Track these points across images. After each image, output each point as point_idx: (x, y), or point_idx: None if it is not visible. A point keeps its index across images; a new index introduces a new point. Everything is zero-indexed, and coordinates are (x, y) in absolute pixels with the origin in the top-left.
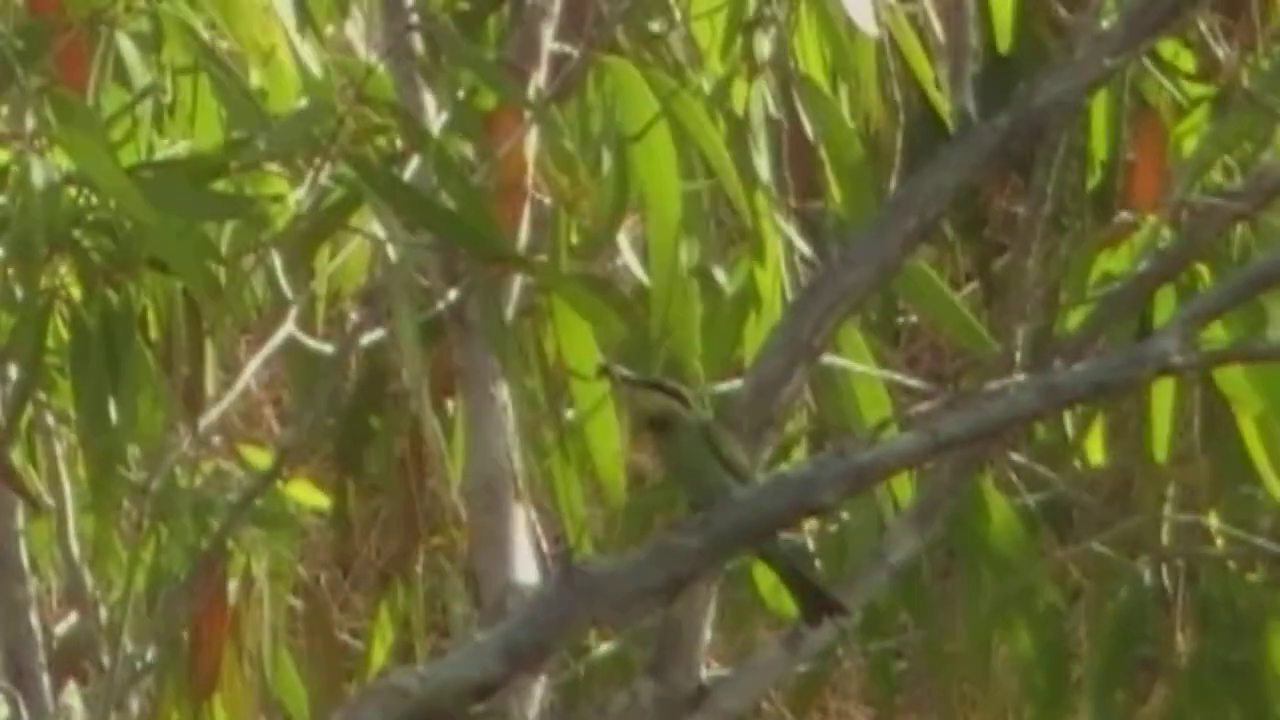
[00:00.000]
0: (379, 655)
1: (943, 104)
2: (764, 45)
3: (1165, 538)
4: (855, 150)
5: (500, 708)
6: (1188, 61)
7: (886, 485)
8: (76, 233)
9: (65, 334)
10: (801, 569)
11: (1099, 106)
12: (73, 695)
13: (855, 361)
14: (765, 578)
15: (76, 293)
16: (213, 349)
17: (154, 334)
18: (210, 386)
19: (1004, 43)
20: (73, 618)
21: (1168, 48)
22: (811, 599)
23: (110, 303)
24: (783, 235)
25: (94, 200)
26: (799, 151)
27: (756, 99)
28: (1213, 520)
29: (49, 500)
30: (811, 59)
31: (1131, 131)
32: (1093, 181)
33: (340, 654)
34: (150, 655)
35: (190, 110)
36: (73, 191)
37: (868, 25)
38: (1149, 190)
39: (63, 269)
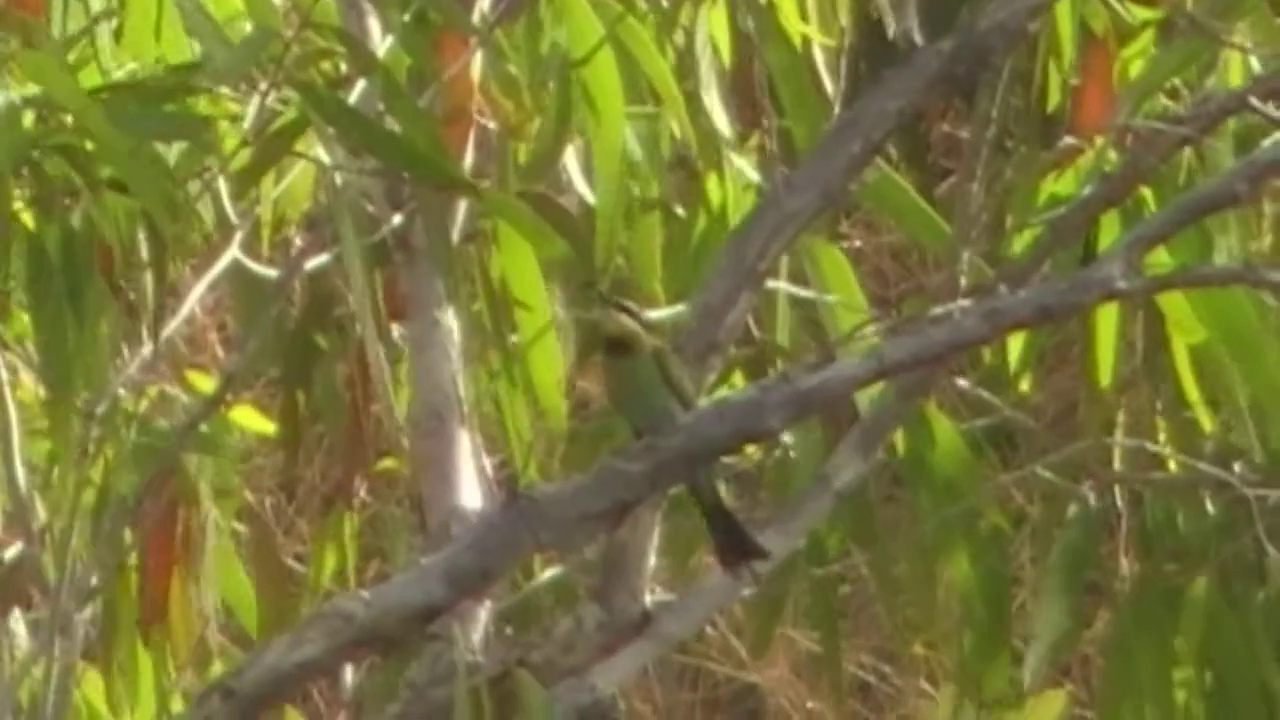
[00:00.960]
0: (323, 580)
1: (888, 27)
2: None
3: (1111, 463)
4: (802, 75)
5: (443, 632)
6: None
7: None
8: (36, 154)
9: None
10: (725, 508)
11: (1064, 26)
12: (17, 622)
13: (833, 276)
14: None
15: (30, 218)
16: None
17: (107, 259)
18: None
19: None
20: (17, 546)
21: None
22: (730, 542)
23: (70, 225)
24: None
25: (53, 123)
26: (747, 77)
27: (707, 22)
28: (1155, 446)
29: None
30: None
31: (1078, 56)
32: (1045, 104)
33: (285, 577)
34: (96, 580)
35: (151, 33)
36: (31, 114)
37: None
38: (1095, 115)
39: (18, 193)
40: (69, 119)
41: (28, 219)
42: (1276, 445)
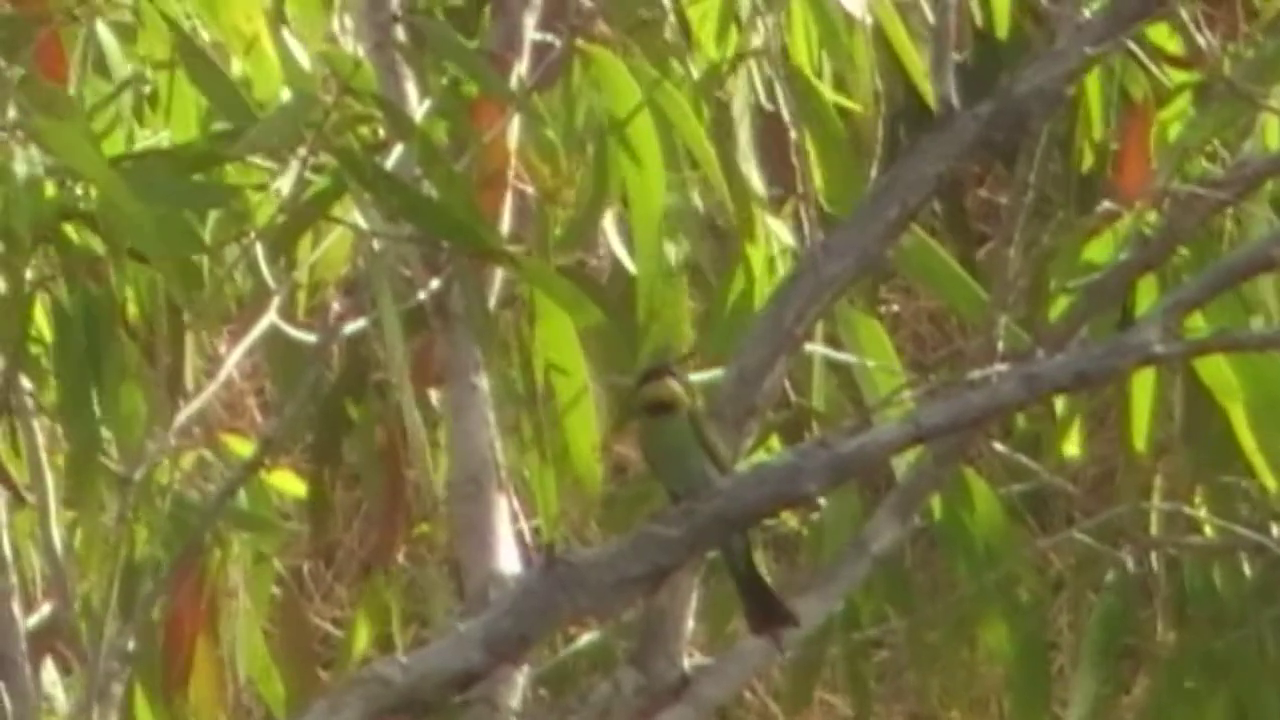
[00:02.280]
0: (361, 645)
1: (927, 93)
2: (756, 33)
3: (1148, 528)
4: (840, 140)
5: (486, 696)
6: (1176, 45)
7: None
8: (60, 224)
9: (49, 325)
10: (755, 574)
11: (1092, 93)
12: (55, 686)
13: (869, 343)
14: None
15: (60, 284)
16: (194, 340)
17: (137, 325)
18: (191, 377)
19: (1000, 29)
20: (45, 608)
21: (1157, 32)
22: (760, 608)
23: (92, 293)
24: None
25: (77, 191)
26: (783, 142)
27: (744, 88)
28: (1194, 510)
29: (30, 492)
30: (800, 47)
31: (1116, 121)
32: (1081, 168)
33: (314, 643)
34: (131, 646)
35: (171, 102)
36: (55, 183)
37: (859, 11)
38: (1135, 179)
39: (47, 261)
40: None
41: (57, 284)
42: None
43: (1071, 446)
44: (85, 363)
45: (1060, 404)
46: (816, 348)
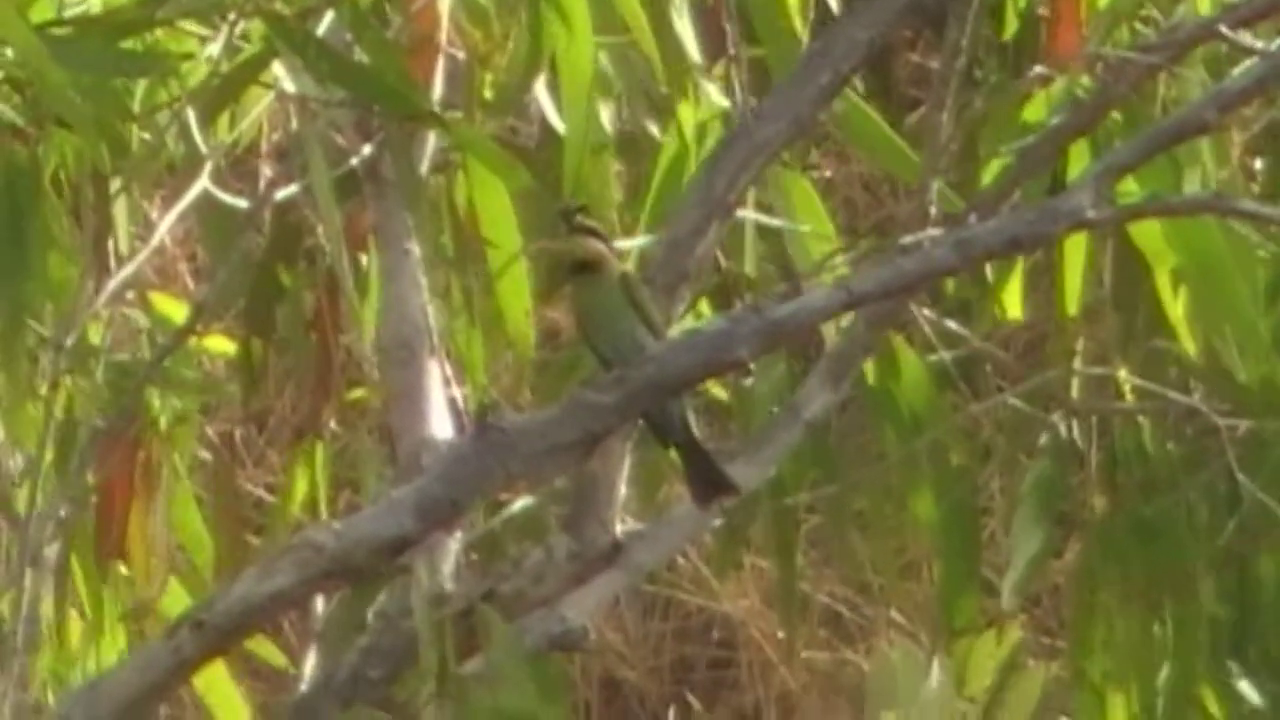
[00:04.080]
0: (293, 511)
1: None
2: None
3: (1077, 393)
4: (774, 4)
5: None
6: None
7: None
8: None
9: None
10: (697, 443)
11: None
12: None
13: (801, 206)
14: None
15: None
16: (126, 205)
17: (65, 191)
18: (124, 243)
19: None
20: None
21: None
22: (703, 476)
23: (17, 158)
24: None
25: (3, 58)
26: (718, 8)
27: None
28: (1121, 375)
29: None
30: None
31: None
32: (1008, 34)
33: (246, 509)
34: (64, 513)
35: None
36: None
37: None
38: (1067, 44)
39: None
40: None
41: None
42: (1248, 374)
43: (1014, 307)
44: (10, 228)
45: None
46: (748, 213)
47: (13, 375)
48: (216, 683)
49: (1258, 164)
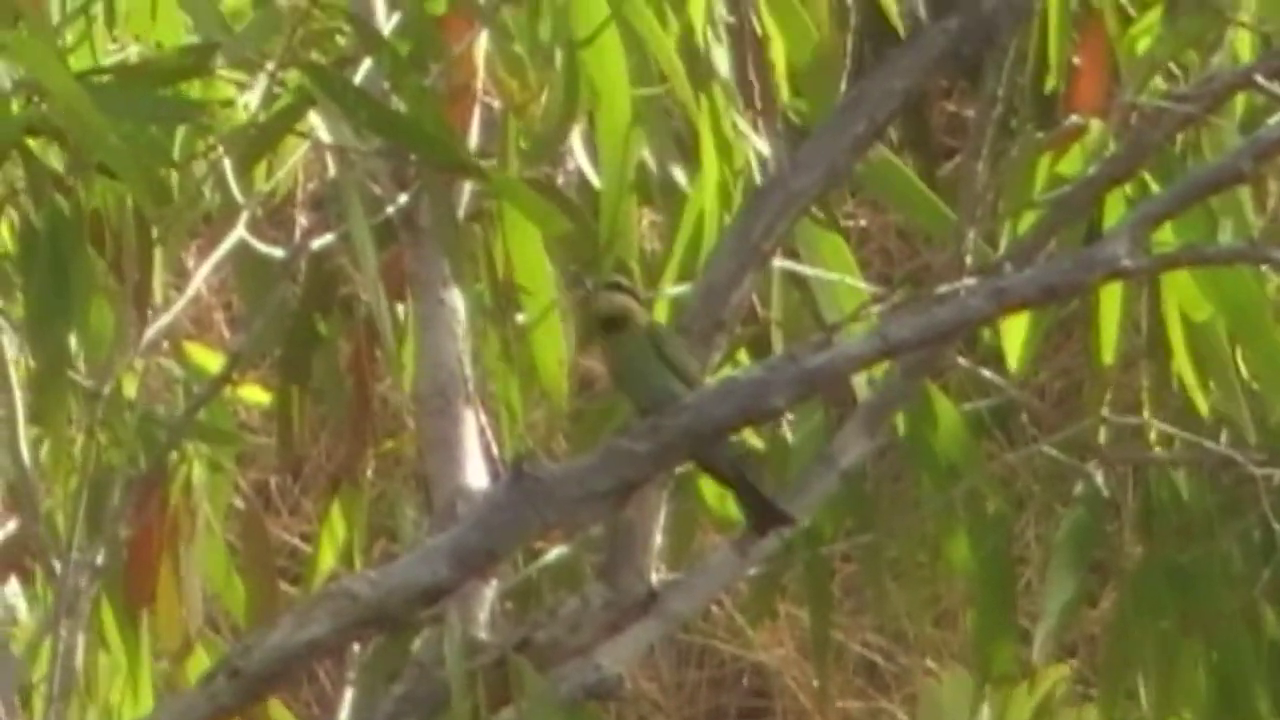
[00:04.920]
0: (328, 560)
1: (892, 7)
2: None
3: (1110, 442)
4: (815, 52)
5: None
6: None
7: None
8: (26, 139)
9: (14, 240)
10: (749, 478)
11: (1053, 7)
12: (17, 597)
13: (832, 261)
14: (710, 484)
15: (27, 200)
16: (162, 254)
17: (105, 240)
18: (159, 292)
19: None
20: (11, 525)
21: None
22: (759, 509)
23: (58, 206)
24: (743, 137)
25: (44, 107)
26: (756, 55)
27: (715, 2)
28: (1155, 424)
29: None
30: None
31: (1077, 35)
32: (1045, 85)
33: (277, 557)
34: (101, 560)
35: (149, 13)
36: (23, 98)
37: None
38: (1092, 94)
39: (16, 176)
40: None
41: (20, 204)
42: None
43: (1015, 359)
44: (51, 276)
45: (1020, 322)
46: (783, 263)
47: (53, 423)
48: None
49: None
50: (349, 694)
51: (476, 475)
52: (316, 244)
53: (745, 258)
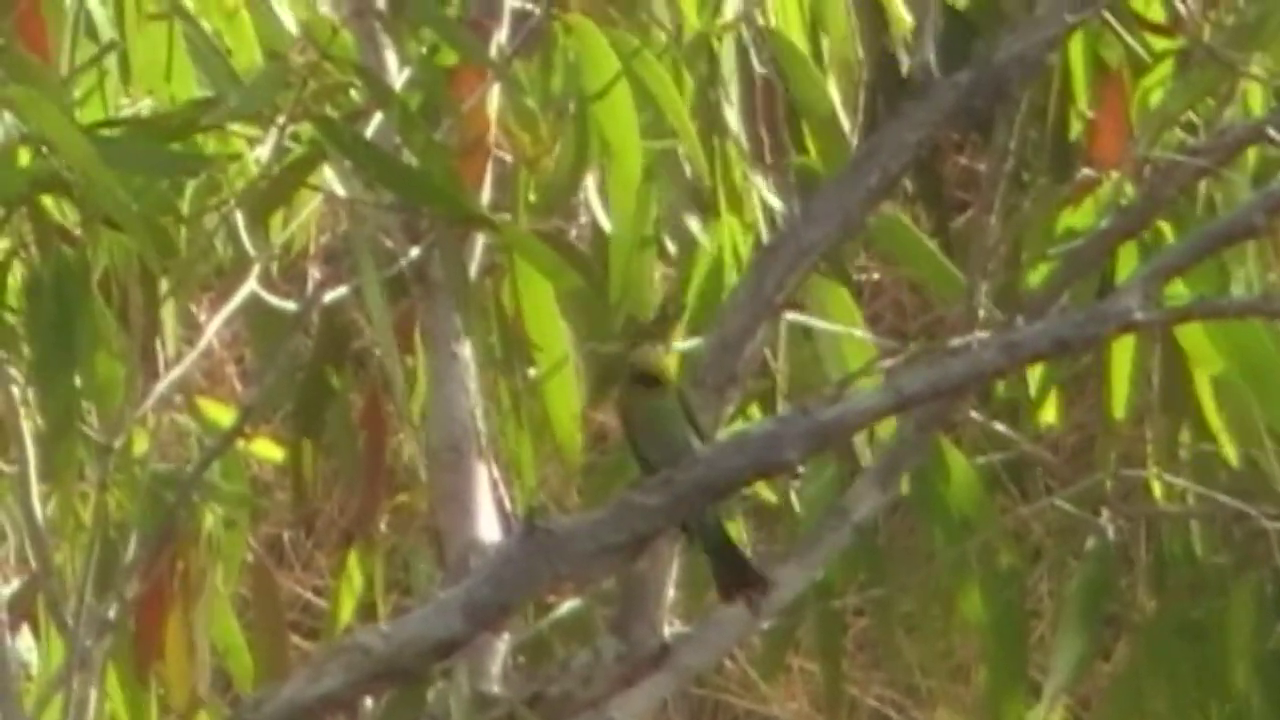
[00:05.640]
0: (342, 614)
1: (904, 60)
2: (736, 1)
3: (1123, 496)
4: (828, 105)
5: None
6: (1158, 12)
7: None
8: (35, 193)
9: (22, 293)
10: (725, 540)
11: (1075, 60)
12: (30, 652)
13: (839, 315)
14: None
15: (35, 253)
16: (173, 308)
17: (113, 293)
18: (171, 345)
19: None
20: (15, 582)
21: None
22: (729, 573)
23: (66, 259)
24: (755, 190)
25: (53, 161)
26: (768, 109)
27: (727, 56)
28: (1169, 478)
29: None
30: (781, 14)
31: (1093, 89)
32: (1065, 135)
33: (289, 612)
34: (111, 614)
35: (162, 67)
36: (31, 151)
37: None
38: (1110, 147)
39: (23, 229)
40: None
41: (28, 257)
42: None
43: (1049, 414)
44: (59, 330)
45: (1037, 373)
46: (796, 316)
47: (61, 478)
48: None
49: None
50: None
51: (489, 529)
52: (329, 297)
53: (758, 311)
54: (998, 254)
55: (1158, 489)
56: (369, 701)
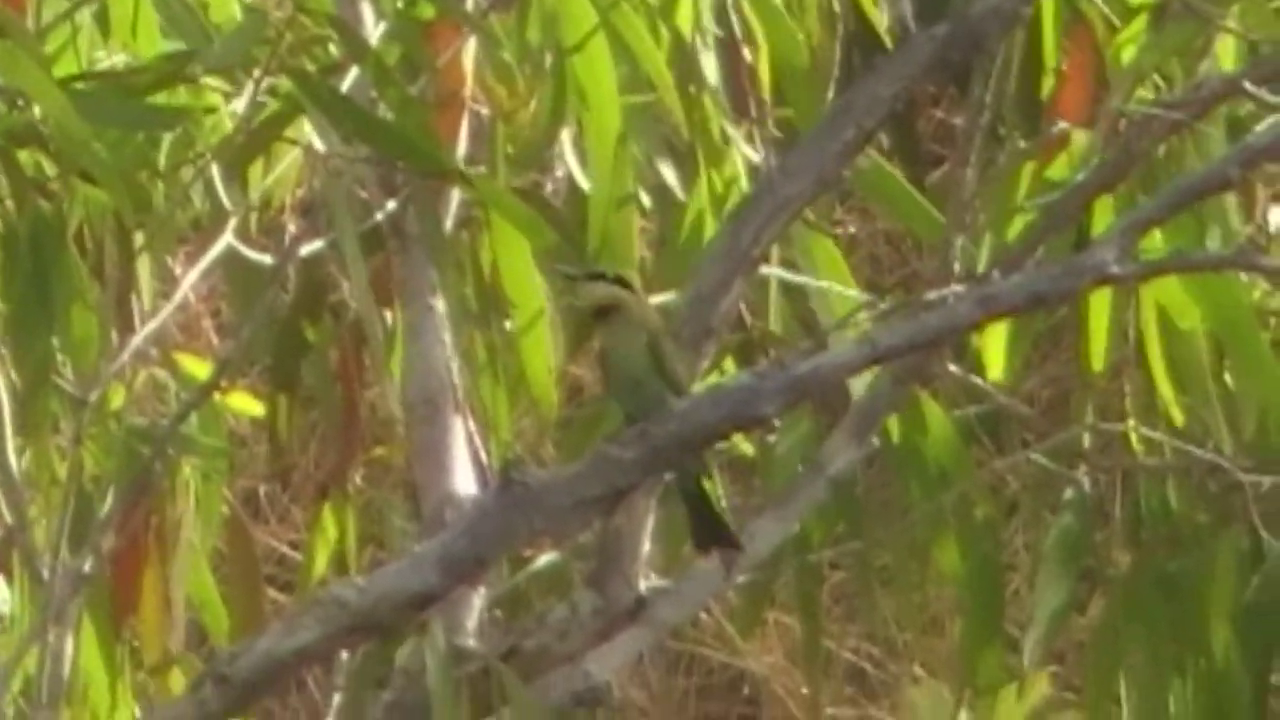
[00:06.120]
0: (318, 567)
1: (880, 14)
2: None
3: (1099, 450)
4: (804, 59)
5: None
6: None
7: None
8: (10, 146)
9: None
10: (705, 497)
11: (1047, 14)
12: (5, 604)
13: (824, 265)
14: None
15: (9, 208)
16: (149, 262)
17: (88, 247)
18: (147, 299)
19: None
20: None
21: None
22: (706, 528)
23: (41, 213)
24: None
25: (28, 114)
26: (742, 64)
27: (704, 10)
28: (1143, 431)
29: None
30: None
31: (1064, 43)
32: (1035, 91)
33: (263, 565)
34: (88, 568)
35: (131, 21)
36: (6, 105)
37: None
38: (1077, 102)
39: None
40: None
41: (4, 212)
42: (1274, 432)
43: (996, 368)
44: (34, 284)
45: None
46: (773, 270)
47: (37, 433)
48: None
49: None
50: (337, 701)
51: (465, 482)
52: (305, 251)
53: (734, 265)
54: (973, 208)
55: (1136, 442)
56: (344, 655)
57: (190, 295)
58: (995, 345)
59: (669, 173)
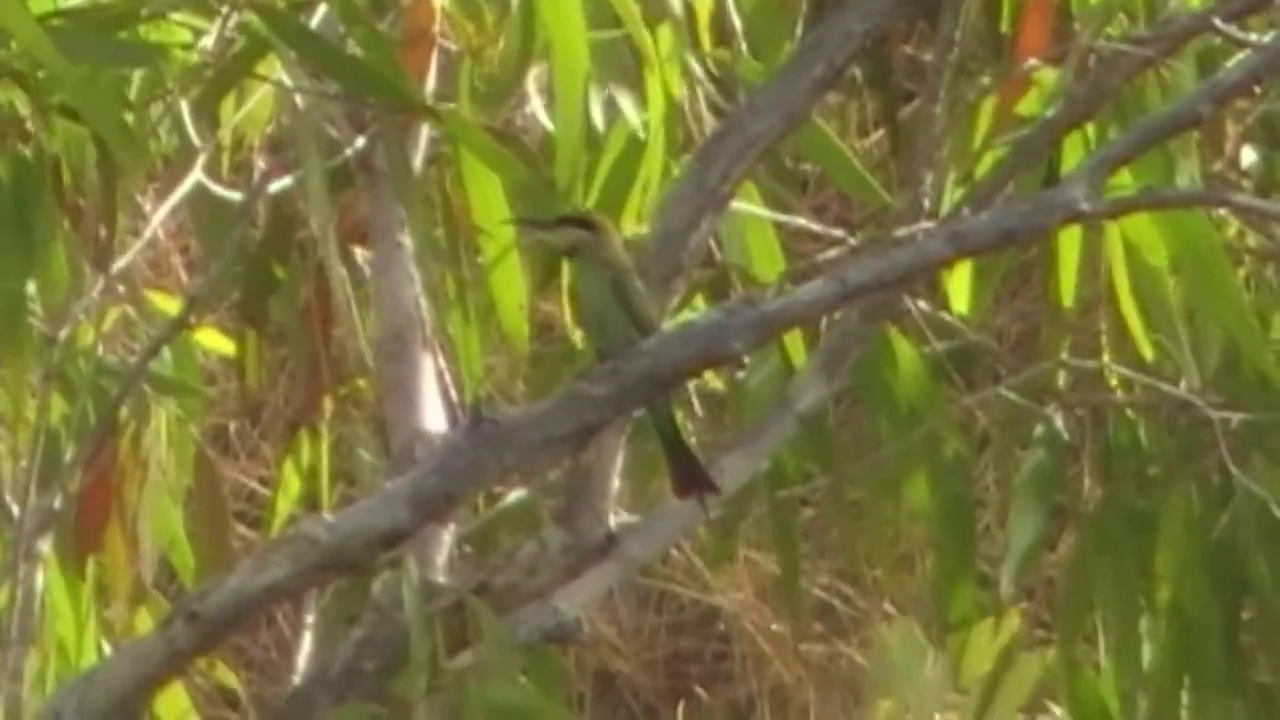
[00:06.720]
0: (287, 503)
1: None
2: None
3: (1069, 386)
4: None
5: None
6: None
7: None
8: None
9: None
10: (679, 439)
11: None
12: None
13: (756, 245)
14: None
15: None
16: (118, 199)
17: (65, 183)
18: (117, 236)
19: None
20: None
21: None
22: (684, 473)
23: (21, 153)
24: (693, 78)
25: (5, 50)
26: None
27: None
28: (1114, 368)
29: None
30: None
31: None
32: (999, 27)
33: (233, 504)
34: (58, 504)
35: None
36: None
37: None
38: (1038, 38)
39: None
40: (17, 45)
41: None
42: (1242, 368)
43: (961, 303)
44: (15, 222)
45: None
46: (742, 205)
47: (15, 370)
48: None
49: (1248, 157)
50: (308, 638)
51: (435, 419)
52: (274, 187)
53: (702, 202)
54: (942, 144)
55: (1113, 379)
56: (314, 591)
57: (159, 232)
58: (961, 279)
59: (629, 107)
